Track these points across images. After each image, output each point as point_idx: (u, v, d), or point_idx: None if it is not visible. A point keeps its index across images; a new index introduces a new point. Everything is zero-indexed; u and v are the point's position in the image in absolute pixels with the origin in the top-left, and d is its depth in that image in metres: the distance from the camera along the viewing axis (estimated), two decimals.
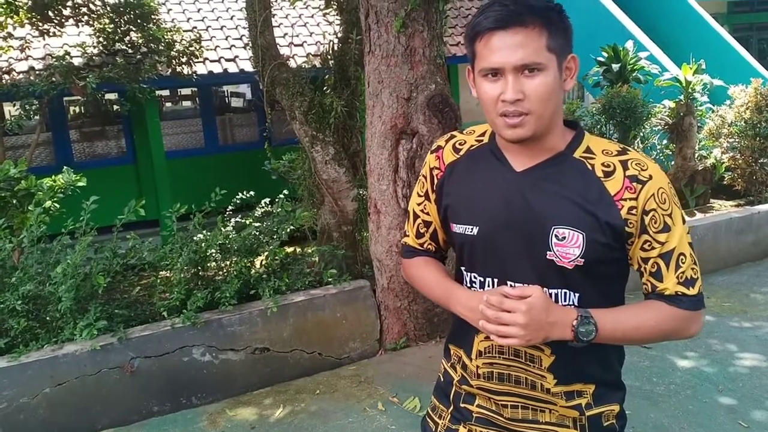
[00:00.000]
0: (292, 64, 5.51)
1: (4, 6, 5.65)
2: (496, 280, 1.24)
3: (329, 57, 4.81)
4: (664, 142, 6.31)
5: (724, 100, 6.37)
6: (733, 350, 3.61)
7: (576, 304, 1.19)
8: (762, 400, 3.05)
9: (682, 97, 5.99)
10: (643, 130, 5.88)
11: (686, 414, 2.97)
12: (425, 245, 1.41)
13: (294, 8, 7.82)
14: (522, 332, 1.10)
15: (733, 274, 4.97)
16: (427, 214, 1.37)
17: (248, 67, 6.85)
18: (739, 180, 6.04)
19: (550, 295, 1.19)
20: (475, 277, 1.28)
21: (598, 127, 5.67)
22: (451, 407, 1.36)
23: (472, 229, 1.25)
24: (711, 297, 4.48)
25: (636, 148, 5.79)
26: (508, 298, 1.12)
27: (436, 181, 1.33)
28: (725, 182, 6.20)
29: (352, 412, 3.15)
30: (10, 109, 7.12)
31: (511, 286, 1.21)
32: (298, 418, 3.14)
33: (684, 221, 1.19)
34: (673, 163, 6.16)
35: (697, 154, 6.10)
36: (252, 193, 4.05)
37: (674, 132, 6.00)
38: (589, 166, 1.19)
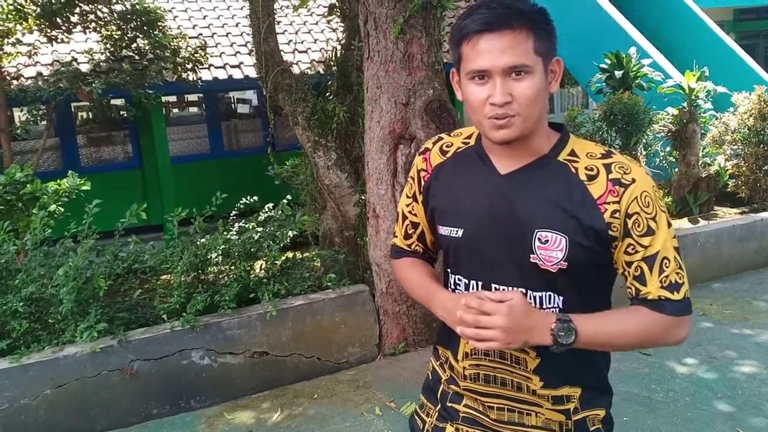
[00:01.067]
0: (295, 70, 5.56)
1: (14, 13, 5.74)
2: (480, 283, 1.24)
3: (332, 63, 4.85)
4: (668, 149, 6.30)
5: (727, 107, 6.35)
6: (733, 357, 3.59)
7: (561, 307, 1.19)
8: (761, 407, 3.03)
9: (685, 104, 5.97)
10: (646, 136, 5.87)
11: (684, 421, 2.95)
12: (413, 246, 1.42)
13: (299, 15, 7.88)
14: (502, 335, 1.09)
15: (736, 281, 4.94)
16: (415, 215, 1.38)
17: (253, 73, 6.92)
18: (743, 187, 6.01)
19: (535, 298, 1.19)
20: (459, 279, 1.28)
21: (600, 133, 5.66)
22: (439, 405, 1.36)
23: (456, 231, 1.25)
24: (713, 304, 4.46)
25: (639, 154, 5.79)
26: (487, 301, 1.11)
27: (423, 182, 1.34)
28: (729, 189, 6.17)
29: (350, 417, 3.16)
30: (19, 115, 7.22)
31: (495, 288, 1.21)
32: (295, 422, 3.15)
33: (669, 225, 1.17)
34: (676, 170, 6.15)
35: (700, 161, 6.07)
36: (256, 198, 4.08)
37: (677, 139, 5.98)
38: (573, 170, 1.19)
